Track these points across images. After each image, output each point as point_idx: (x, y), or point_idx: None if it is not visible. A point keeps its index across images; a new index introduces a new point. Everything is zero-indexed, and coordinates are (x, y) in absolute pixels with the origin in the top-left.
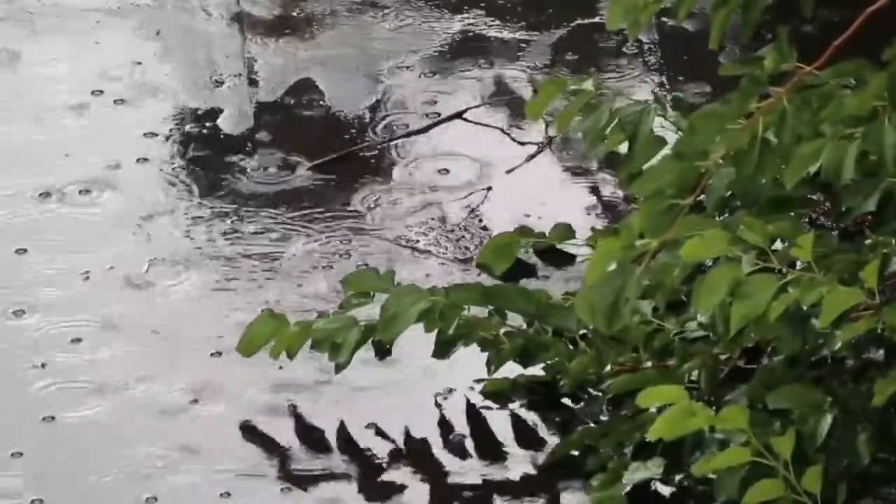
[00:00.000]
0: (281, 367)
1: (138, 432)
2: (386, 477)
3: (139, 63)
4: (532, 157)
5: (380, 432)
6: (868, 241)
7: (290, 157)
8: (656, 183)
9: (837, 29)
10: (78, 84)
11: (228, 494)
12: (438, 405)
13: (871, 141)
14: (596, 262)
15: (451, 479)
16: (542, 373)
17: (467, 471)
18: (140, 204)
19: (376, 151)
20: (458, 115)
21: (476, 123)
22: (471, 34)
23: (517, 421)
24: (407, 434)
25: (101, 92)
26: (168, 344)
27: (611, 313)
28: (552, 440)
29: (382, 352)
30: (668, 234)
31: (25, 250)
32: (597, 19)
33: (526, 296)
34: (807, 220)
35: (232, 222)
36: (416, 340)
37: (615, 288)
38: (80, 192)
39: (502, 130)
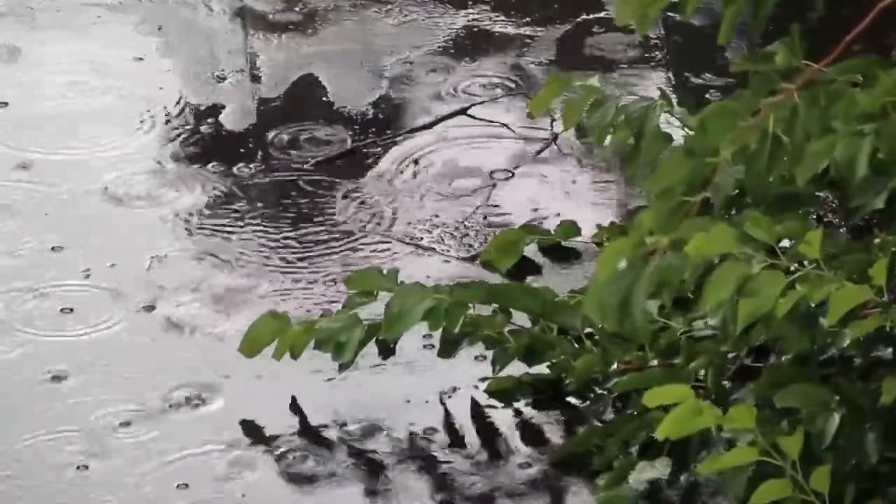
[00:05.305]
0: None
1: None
2: (389, 476)
3: (141, 59)
4: (537, 153)
5: (383, 431)
6: (877, 240)
7: (292, 154)
8: (667, 180)
9: (848, 25)
10: (78, 81)
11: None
12: (443, 403)
13: (885, 137)
14: (606, 261)
15: (454, 478)
16: (547, 371)
17: (471, 470)
18: (142, 199)
19: (379, 148)
20: (463, 112)
21: (480, 120)
22: (475, 29)
23: (522, 420)
24: (410, 433)
25: (102, 89)
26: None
27: (621, 312)
28: (557, 439)
29: (386, 351)
30: (677, 233)
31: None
32: (602, 14)
33: (531, 294)
34: (815, 218)
35: (233, 220)
36: (419, 339)
37: (625, 286)
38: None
39: (507, 127)
